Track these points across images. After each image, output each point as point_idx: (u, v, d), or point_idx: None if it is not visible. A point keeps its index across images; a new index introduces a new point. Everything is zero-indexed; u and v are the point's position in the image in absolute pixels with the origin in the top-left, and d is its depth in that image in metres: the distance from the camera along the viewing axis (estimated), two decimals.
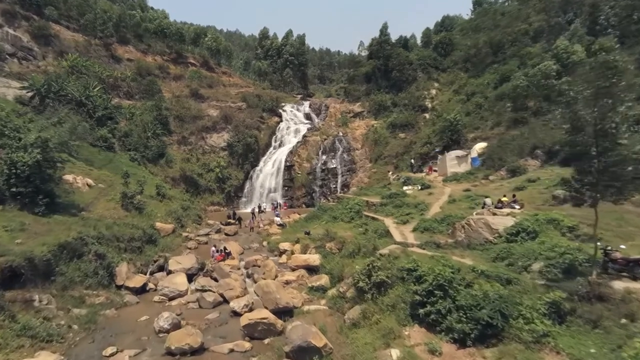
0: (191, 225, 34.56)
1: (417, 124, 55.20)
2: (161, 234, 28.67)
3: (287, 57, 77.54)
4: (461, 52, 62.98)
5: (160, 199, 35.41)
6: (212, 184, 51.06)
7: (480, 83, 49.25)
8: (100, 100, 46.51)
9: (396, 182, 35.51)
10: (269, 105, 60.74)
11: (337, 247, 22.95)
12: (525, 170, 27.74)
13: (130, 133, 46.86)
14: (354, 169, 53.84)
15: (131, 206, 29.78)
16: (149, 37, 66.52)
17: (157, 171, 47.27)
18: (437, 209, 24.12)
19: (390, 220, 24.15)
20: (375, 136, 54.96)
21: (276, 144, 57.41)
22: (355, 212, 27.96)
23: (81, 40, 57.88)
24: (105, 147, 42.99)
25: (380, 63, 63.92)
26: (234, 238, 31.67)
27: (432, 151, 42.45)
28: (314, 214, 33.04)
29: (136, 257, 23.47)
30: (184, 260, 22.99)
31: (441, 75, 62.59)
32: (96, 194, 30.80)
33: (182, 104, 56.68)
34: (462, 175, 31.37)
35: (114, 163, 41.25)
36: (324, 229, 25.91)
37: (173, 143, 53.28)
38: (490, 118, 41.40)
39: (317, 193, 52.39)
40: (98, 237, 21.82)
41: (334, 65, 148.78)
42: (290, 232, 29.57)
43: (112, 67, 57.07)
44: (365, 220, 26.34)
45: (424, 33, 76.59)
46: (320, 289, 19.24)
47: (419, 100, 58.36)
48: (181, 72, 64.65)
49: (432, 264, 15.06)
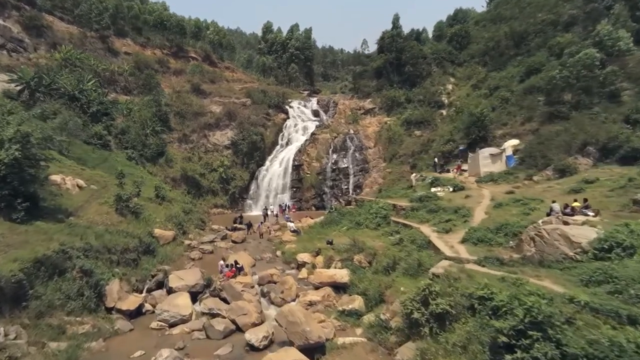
0: (194, 231, 31.11)
1: (434, 120, 51.78)
2: (160, 242, 25.22)
3: (292, 52, 74.05)
4: (478, 45, 59.57)
5: (159, 201, 31.97)
6: (215, 184, 47.66)
7: (503, 76, 45.77)
8: (95, 95, 43.19)
9: (421, 183, 32.05)
10: (275, 101, 57.32)
11: (367, 260, 19.52)
12: (576, 170, 24.30)
13: (127, 130, 43.46)
14: (366, 168, 50.40)
15: (126, 210, 26.34)
16: (148, 30, 63.15)
17: (156, 171, 43.86)
18: (482, 214, 20.69)
19: (427, 228, 20.70)
20: (389, 134, 51.52)
21: (283, 142, 53.99)
22: (382, 218, 24.50)
23: (76, 32, 54.48)
24: (100, 145, 39.62)
25: (393, 57, 60.41)
26: (242, 246, 28.19)
27: (455, 149, 39.01)
28: (331, 218, 29.60)
29: (131, 271, 20.01)
30: (187, 275, 19.53)
31: (457, 70, 59.13)
32: (87, 197, 27.34)
33: (183, 99, 53.29)
34: (499, 175, 27.88)
35: (109, 162, 37.82)
36: (348, 237, 22.45)
37: (173, 141, 49.88)
38: (519, 113, 37.96)
39: (328, 194, 48.96)
40: (85, 248, 18.36)
41: (337, 63, 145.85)
42: (306, 240, 26.09)
43: (108, 61, 53.63)
44: (395, 228, 22.89)
45: (436, 26, 73.32)
46: (354, 313, 15.80)
47: (435, 95, 54.92)
48: (182, 67, 61.22)
49: (510, 289, 11.64)
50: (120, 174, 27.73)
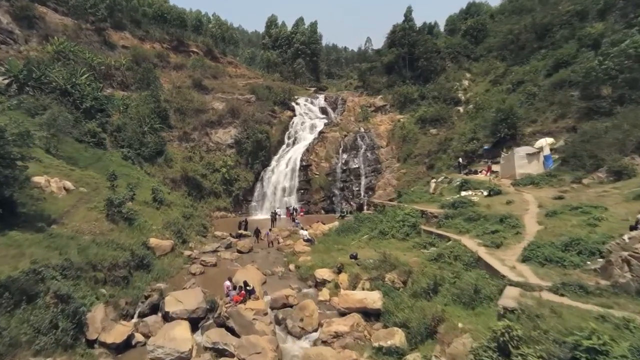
0: (195, 239, 27.97)
1: (450, 118, 48.64)
2: (157, 253, 22.11)
3: (298, 47, 70.82)
4: (495, 38, 56.39)
5: (156, 205, 28.85)
6: (217, 186, 44.54)
7: (528, 71, 42.58)
8: (89, 90, 40.13)
9: (446, 186, 28.89)
10: (281, 97, 54.18)
11: (402, 279, 16.35)
12: (634, 172, 21.10)
13: (123, 127, 40.39)
14: (379, 169, 47.24)
15: (119, 216, 23.24)
16: (147, 23, 60.11)
17: (155, 171, 40.75)
18: (535, 225, 17.51)
19: (470, 240, 17.53)
20: (402, 132, 48.36)
21: (290, 141, 50.82)
22: (411, 227, 21.31)
23: (70, 24, 51.46)
24: (93, 143, 36.57)
25: (405, 51, 57.32)
26: (249, 257, 25.04)
27: (479, 148, 35.84)
28: (348, 225, 26.44)
29: (120, 292, 16.86)
30: (187, 297, 16.37)
31: (473, 65, 56.03)
32: (75, 201, 24.24)
33: (183, 95, 50.18)
34: (540, 178, 24.61)
35: (102, 162, 34.73)
36: (374, 250, 19.29)
37: (173, 139, 46.79)
38: (549, 109, 34.85)
39: (338, 197, 45.84)
40: (63, 267, 15.22)
41: (341, 61, 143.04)
42: (322, 251, 22.90)
43: (105, 55, 50.56)
44: (428, 239, 19.73)
45: (449, 20, 70.28)
46: (394, 351, 12.60)
47: (450, 92, 51.83)
48: (182, 61, 58.18)
49: (624, 335, 8.52)
50: (112, 175, 24.60)
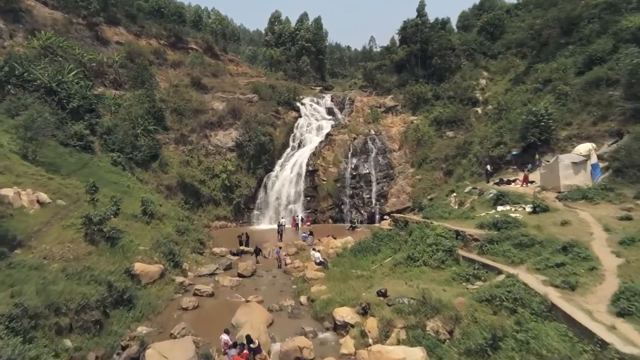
0: (190, 258, 24.45)
1: (468, 119, 45.16)
2: (142, 281, 18.61)
3: (302, 44, 67.27)
4: (514, 34, 52.85)
5: (146, 219, 25.36)
6: (217, 193, 41.10)
7: (555, 68, 38.86)
8: (77, 88, 36.77)
9: (477, 197, 25.33)
10: (285, 97, 50.68)
11: (447, 328, 12.83)
12: None
13: (114, 129, 36.90)
14: (391, 174, 43.72)
15: (99, 236, 19.77)
16: (143, 18, 56.68)
17: (148, 178, 37.31)
18: (611, 257, 13.97)
19: (529, 275, 13.99)
20: (417, 135, 44.84)
21: (295, 144, 47.35)
22: (446, 252, 17.76)
23: (60, 18, 48.06)
24: (80, 147, 33.23)
25: (417, 48, 53.79)
26: (252, 282, 21.49)
27: (507, 154, 32.28)
28: (366, 244, 22.90)
29: (90, 342, 13.34)
30: (174, 350, 12.83)
31: (490, 63, 52.49)
32: (49, 217, 20.77)
33: (181, 94, 46.77)
34: (591, 191, 21.05)
35: (89, 168, 31.33)
36: (407, 283, 15.75)
37: (169, 142, 43.34)
38: (585, 110, 31.30)
39: (347, 205, 42.33)
40: (12, 316, 11.69)
41: (345, 60, 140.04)
42: (338, 278, 19.30)
43: (97, 51, 47.12)
44: (471, 269, 16.17)
45: (461, 16, 66.66)
46: None
47: (467, 91, 48.33)
48: (180, 59, 54.76)
49: None
50: (92, 188, 21.05)
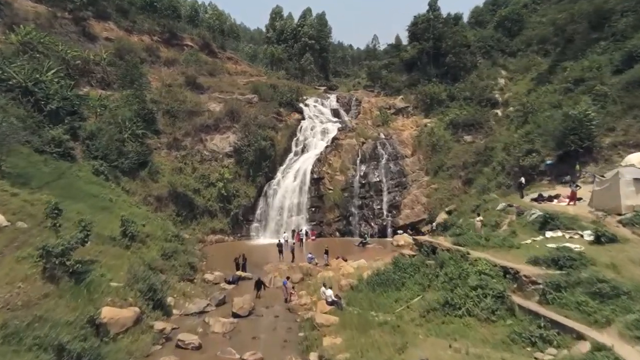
0: (176, 290, 20.64)
1: (487, 122, 41.37)
2: (111, 331, 14.84)
3: (305, 41, 63.40)
4: (535, 30, 49.08)
5: (126, 242, 21.56)
6: (213, 203, 37.30)
7: (587, 66, 34.95)
8: (57, 88, 33.03)
9: (516, 218, 21.51)
10: (288, 98, 46.88)
11: None
12: None
13: (98, 133, 33.11)
14: (404, 183, 39.91)
15: (61, 271, 16.01)
16: (136, 12, 52.78)
17: (136, 188, 33.53)
18: None
19: (625, 345, 10.26)
20: (431, 139, 41.04)
21: (298, 149, 43.53)
22: (495, 298, 13.97)
23: (44, 11, 44.17)
24: (57, 154, 29.53)
25: (430, 46, 49.94)
26: (249, 325, 17.64)
27: (540, 163, 28.46)
28: (386, 276, 19.11)
29: None
30: None
31: (509, 61, 48.67)
32: (2, 246, 16.99)
33: (174, 95, 42.93)
34: None
35: (66, 178, 27.57)
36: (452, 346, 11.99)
37: (161, 147, 39.48)
38: (629, 114, 27.59)
39: (356, 216, 38.53)
40: None
41: (347, 60, 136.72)
42: (357, 326, 15.40)
43: (84, 47, 43.29)
44: (534, 325, 12.37)
45: (474, 11, 62.76)
46: None
47: (485, 92, 44.53)
48: (175, 56, 50.87)
49: None
50: (53, 211, 17.18)
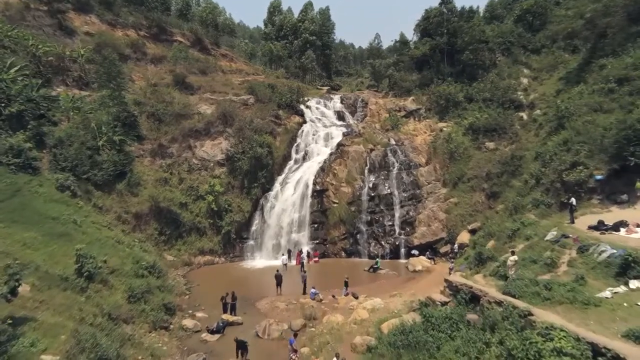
0: (143, 349, 16.00)
1: (512, 127, 36.74)
2: None
3: (307, 37, 58.72)
4: (560, 24, 44.45)
5: (81, 284, 16.98)
6: (201, 219, 32.78)
7: (630, 63, 30.33)
8: (20, 88, 28.48)
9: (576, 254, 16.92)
10: (287, 98, 42.29)
11: None
12: None
13: (66, 140, 28.52)
14: (418, 196, 35.31)
15: None
16: (121, 4, 48.20)
17: (110, 204, 28.96)
18: None
19: None
20: (449, 146, 36.40)
21: (299, 156, 38.94)
22: None
23: (14, 2, 39.59)
24: (16, 166, 24.99)
25: (444, 41, 45.32)
26: None
27: (589, 178, 23.82)
28: (415, 336, 14.57)
29: None
30: None
31: (532, 58, 43.98)
32: None
33: (160, 96, 38.40)
34: None
35: (21, 197, 23.11)
36: None
37: (144, 154, 34.94)
38: None
39: (364, 234, 33.99)
40: None
41: (350, 58, 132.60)
42: None
43: (60, 42, 38.64)
44: None
45: (489, 5, 58.12)
46: None
47: (507, 92, 39.80)
48: (163, 53, 46.37)
49: None
50: None
